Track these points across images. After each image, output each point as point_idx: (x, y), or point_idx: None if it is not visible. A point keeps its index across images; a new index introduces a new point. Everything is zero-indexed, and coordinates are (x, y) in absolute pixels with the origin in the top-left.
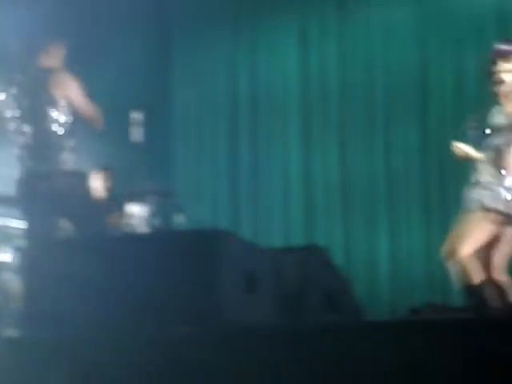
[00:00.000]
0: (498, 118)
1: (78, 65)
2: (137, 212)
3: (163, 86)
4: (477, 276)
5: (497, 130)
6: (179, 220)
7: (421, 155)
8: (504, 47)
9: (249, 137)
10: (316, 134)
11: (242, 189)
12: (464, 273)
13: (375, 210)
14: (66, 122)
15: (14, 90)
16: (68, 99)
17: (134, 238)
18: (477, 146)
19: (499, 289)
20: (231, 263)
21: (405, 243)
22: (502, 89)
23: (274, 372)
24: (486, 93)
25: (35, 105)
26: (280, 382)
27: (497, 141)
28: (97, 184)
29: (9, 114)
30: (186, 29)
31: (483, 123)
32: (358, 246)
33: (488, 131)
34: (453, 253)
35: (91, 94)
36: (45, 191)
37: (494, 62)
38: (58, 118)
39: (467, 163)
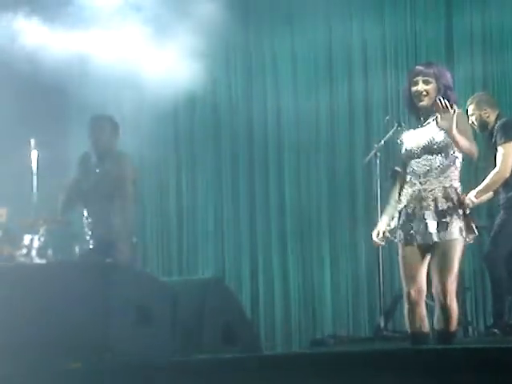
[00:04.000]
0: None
1: None
2: (30, 242)
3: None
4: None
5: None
6: (76, 250)
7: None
8: (423, 67)
9: None
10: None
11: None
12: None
13: (281, 241)
14: None
15: None
16: None
17: (24, 269)
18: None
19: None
20: (123, 295)
21: (312, 275)
22: (422, 104)
23: None
24: None
25: None
26: None
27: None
28: None
29: None
30: None
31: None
32: (261, 277)
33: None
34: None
35: None
36: None
37: (416, 83)
38: None
39: None
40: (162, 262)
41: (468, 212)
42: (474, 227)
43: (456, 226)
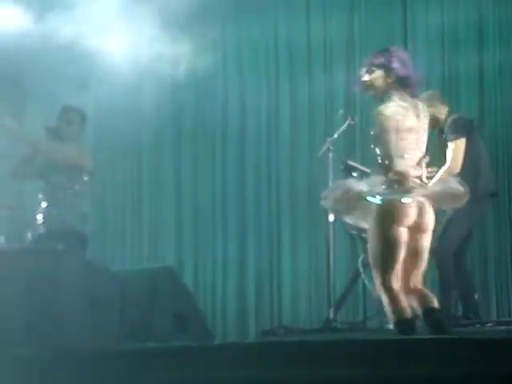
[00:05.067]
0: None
1: None
2: None
3: None
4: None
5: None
6: (28, 237)
7: None
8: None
9: None
10: None
11: None
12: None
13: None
14: None
15: None
16: None
17: None
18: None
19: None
20: (73, 283)
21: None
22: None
23: None
24: None
25: None
26: None
27: None
28: None
29: None
30: None
31: None
32: (208, 266)
33: None
34: None
35: None
36: None
37: (369, 71)
38: None
39: None
40: (119, 251)
41: None
42: None
43: None
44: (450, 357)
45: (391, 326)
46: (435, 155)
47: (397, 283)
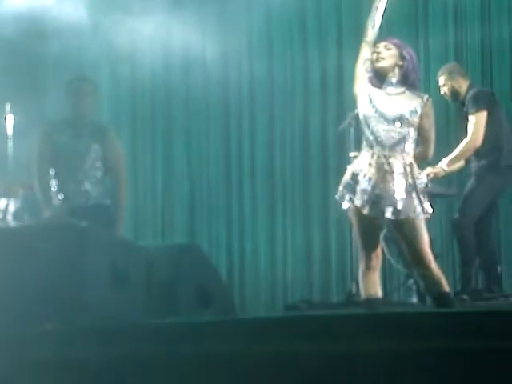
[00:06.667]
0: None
1: None
2: (5, 207)
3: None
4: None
5: None
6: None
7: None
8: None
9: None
10: None
11: None
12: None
13: (253, 208)
14: None
15: None
16: None
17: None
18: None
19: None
20: (99, 258)
21: (284, 241)
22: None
23: (144, 369)
24: None
25: None
26: (148, 379)
27: None
28: None
29: None
30: None
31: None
32: (236, 242)
33: None
34: None
35: None
36: None
37: (387, 47)
38: None
39: None
40: (139, 227)
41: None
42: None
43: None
44: (475, 330)
45: (414, 300)
46: (457, 128)
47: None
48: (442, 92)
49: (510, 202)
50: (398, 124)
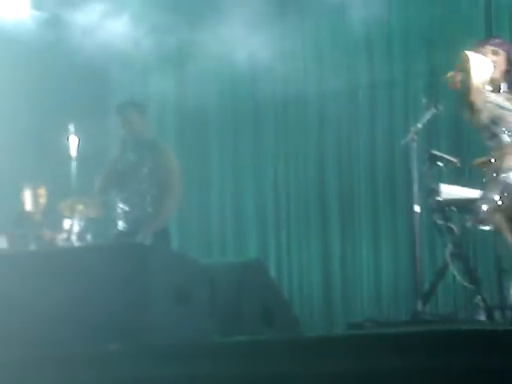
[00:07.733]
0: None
1: None
2: (70, 227)
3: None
4: None
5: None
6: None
7: None
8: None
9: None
10: None
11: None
12: None
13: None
14: None
15: None
16: None
17: (65, 253)
18: None
19: None
20: (162, 277)
21: (351, 258)
22: None
23: None
24: None
25: None
26: None
27: None
28: (29, 199)
29: None
30: None
31: None
32: (299, 260)
33: None
34: None
35: None
36: None
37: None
38: None
39: None
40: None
41: None
42: None
43: None
44: None
45: (482, 317)
46: None
47: None
48: None
49: None
50: None
